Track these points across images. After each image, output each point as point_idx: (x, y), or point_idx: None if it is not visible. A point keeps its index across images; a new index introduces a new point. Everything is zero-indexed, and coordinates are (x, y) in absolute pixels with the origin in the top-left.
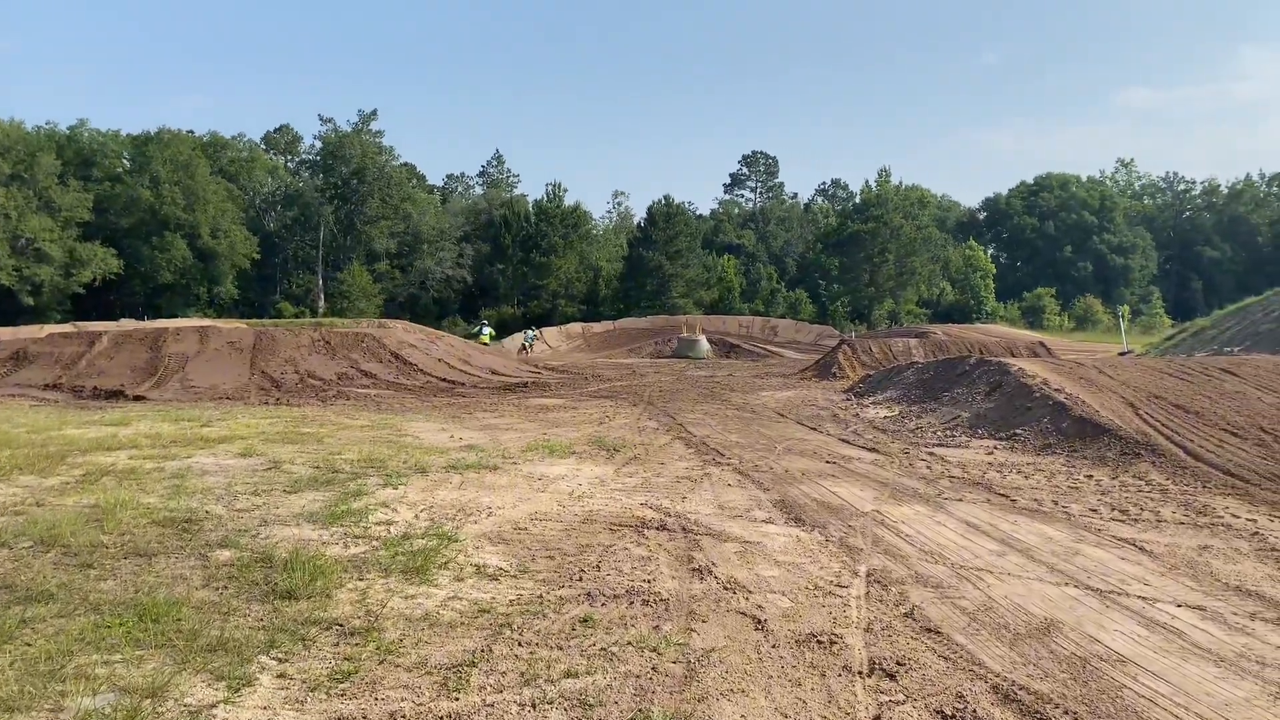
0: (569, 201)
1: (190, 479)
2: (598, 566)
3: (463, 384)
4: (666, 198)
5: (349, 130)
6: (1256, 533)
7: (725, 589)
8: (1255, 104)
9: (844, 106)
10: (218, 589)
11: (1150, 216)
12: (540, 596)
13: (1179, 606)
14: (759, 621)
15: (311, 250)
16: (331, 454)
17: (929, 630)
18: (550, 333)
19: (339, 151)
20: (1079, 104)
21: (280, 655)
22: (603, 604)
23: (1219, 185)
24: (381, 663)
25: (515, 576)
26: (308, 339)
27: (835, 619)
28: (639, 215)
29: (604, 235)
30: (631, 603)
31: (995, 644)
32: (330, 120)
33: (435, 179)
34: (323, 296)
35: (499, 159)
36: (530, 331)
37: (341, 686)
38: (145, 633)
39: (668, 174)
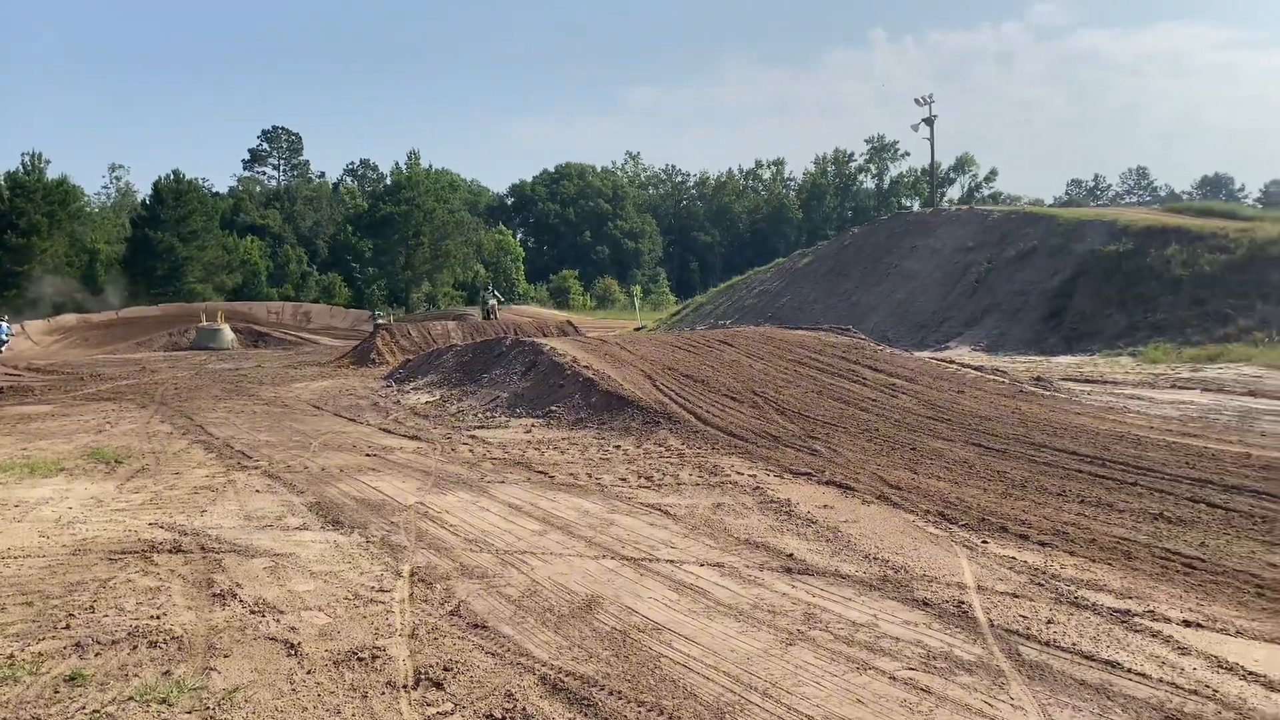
0: (52, 175)
1: None
2: (91, 607)
3: None
4: (176, 173)
5: None
6: (758, 487)
7: (252, 613)
8: (735, 107)
9: (371, 87)
10: None
11: (655, 205)
12: (11, 656)
13: (702, 566)
14: (292, 646)
15: None
16: None
17: (476, 626)
18: (35, 326)
19: None
20: (594, 99)
21: None
22: (97, 654)
23: (709, 177)
24: None
25: None
26: None
27: (377, 630)
28: (143, 192)
29: (101, 214)
30: (135, 647)
31: (541, 630)
32: None
33: None
34: None
35: None
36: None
37: None
38: None
39: (176, 148)
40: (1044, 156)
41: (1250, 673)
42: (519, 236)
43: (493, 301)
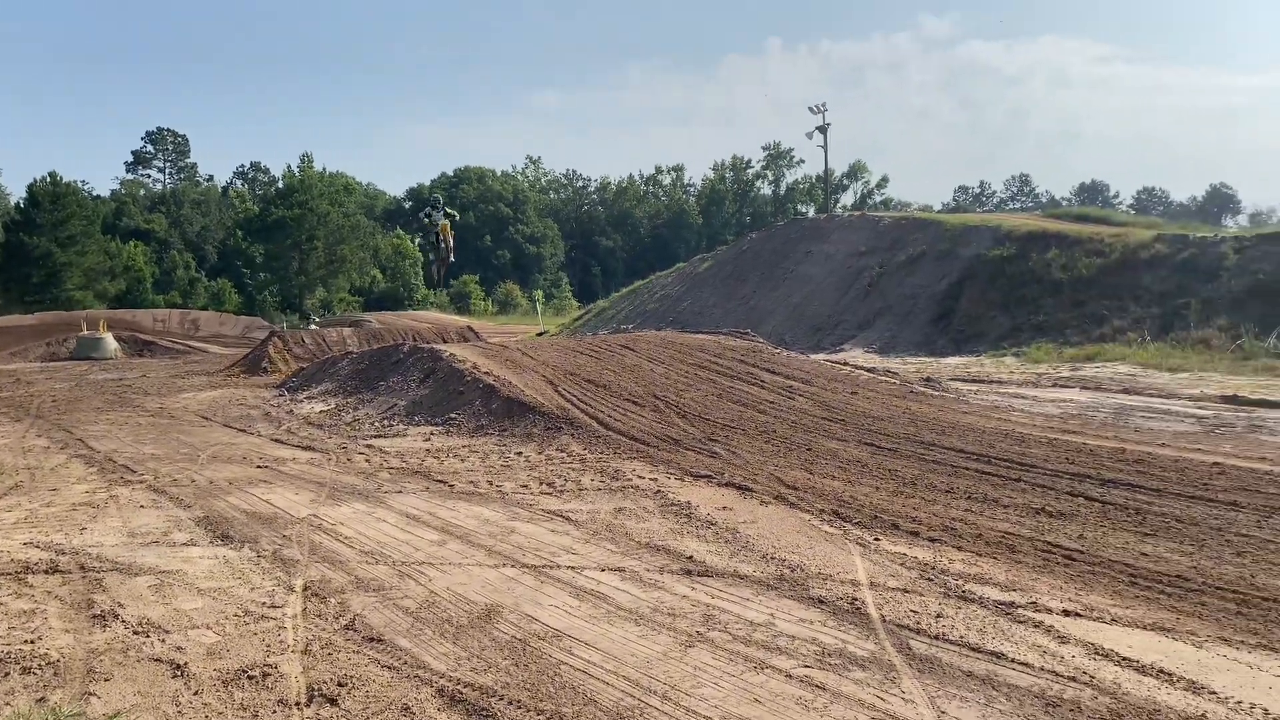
0: None
1: None
2: None
3: None
4: (53, 175)
5: None
6: (659, 491)
7: (136, 634)
8: (636, 112)
9: (261, 87)
10: None
11: (556, 209)
12: None
13: (603, 571)
14: (178, 666)
15: None
16: None
17: (372, 640)
18: None
19: None
20: (494, 102)
21: None
22: None
23: (610, 183)
24: None
25: None
26: None
27: (269, 646)
28: (17, 195)
29: None
30: (6, 673)
31: (439, 642)
32: None
33: None
34: None
35: None
36: None
37: None
38: None
39: (52, 149)
40: (933, 163)
41: (1124, 658)
42: (417, 241)
43: (444, 220)
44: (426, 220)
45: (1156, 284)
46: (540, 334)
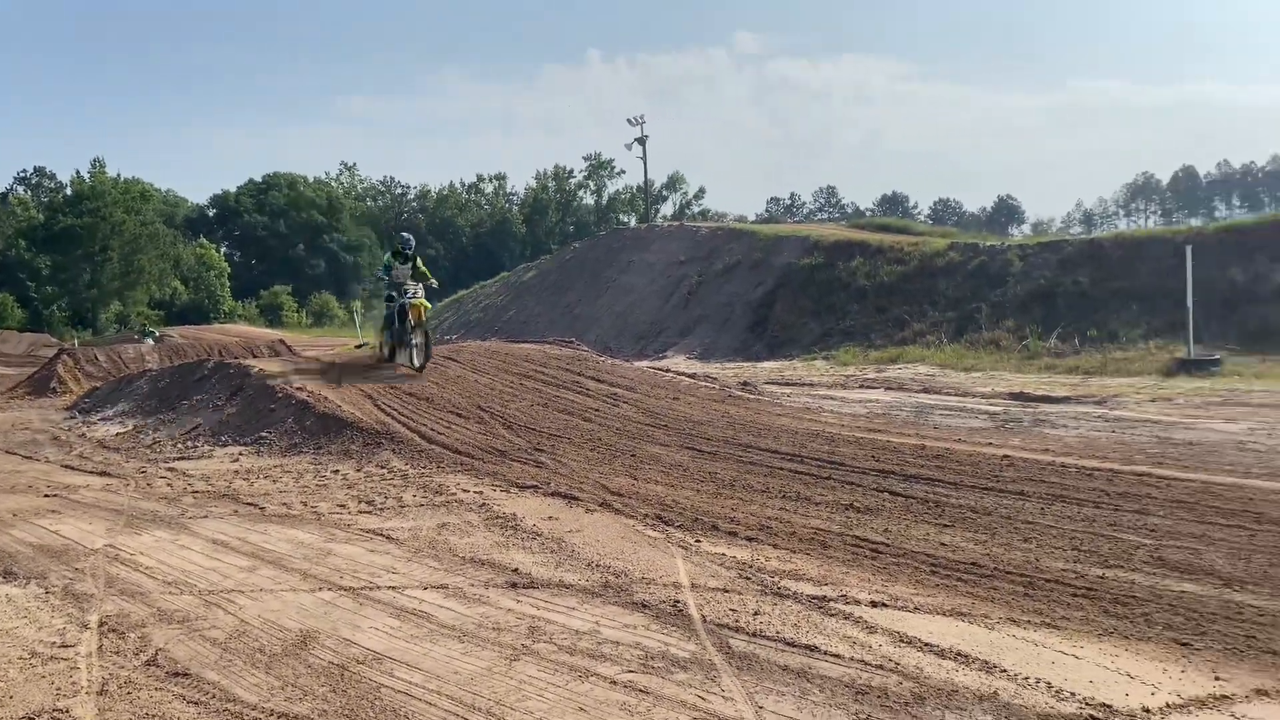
0: None
1: None
2: None
3: None
4: None
5: None
6: (484, 504)
7: None
8: (456, 120)
9: (44, 86)
10: None
11: (374, 217)
12: None
13: (425, 589)
14: None
15: None
16: None
17: (176, 675)
18: None
19: None
20: (304, 107)
21: None
22: None
23: (430, 190)
24: None
25: None
26: None
27: (59, 690)
28: None
29: None
30: None
31: (251, 672)
32: None
33: None
34: None
35: None
36: None
37: None
38: None
39: None
40: (747, 175)
41: (926, 644)
42: (223, 250)
43: (414, 292)
44: (384, 277)
45: (952, 289)
46: (359, 346)
